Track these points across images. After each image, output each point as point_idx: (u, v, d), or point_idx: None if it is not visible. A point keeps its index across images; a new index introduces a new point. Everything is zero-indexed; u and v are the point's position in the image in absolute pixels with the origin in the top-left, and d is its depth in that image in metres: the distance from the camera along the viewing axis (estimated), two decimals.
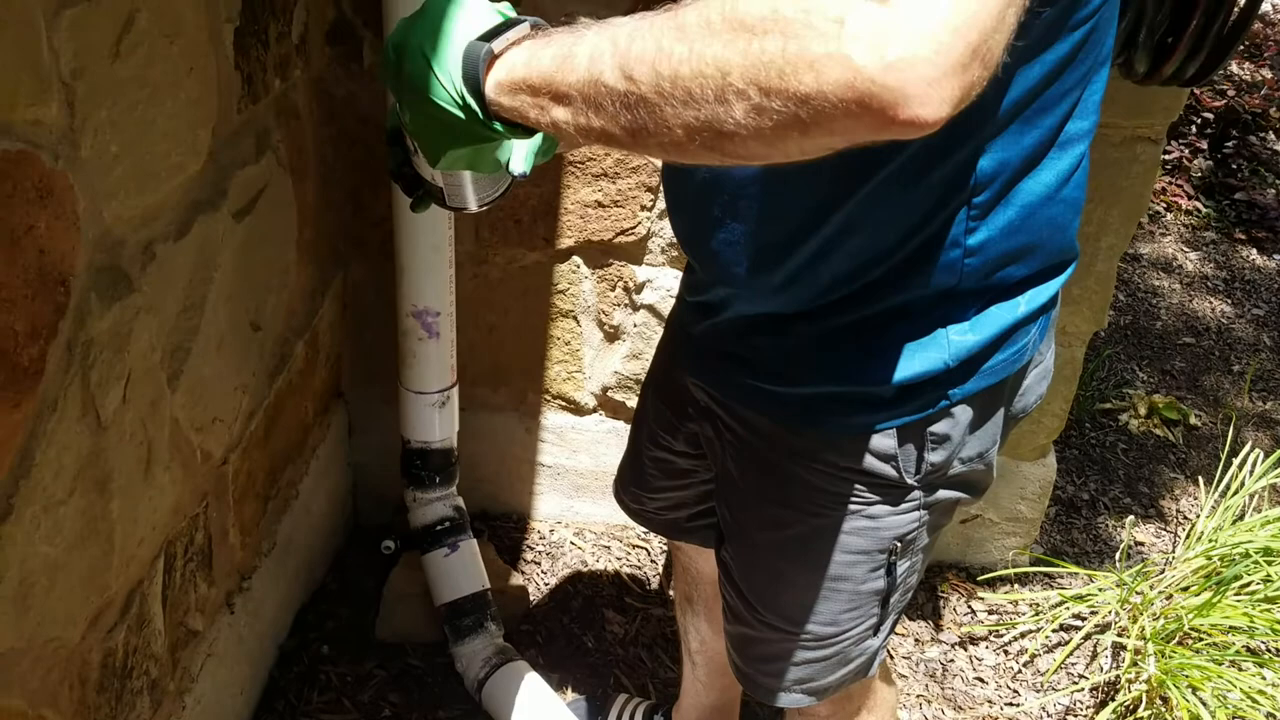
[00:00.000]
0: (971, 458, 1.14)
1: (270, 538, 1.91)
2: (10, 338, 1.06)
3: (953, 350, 1.05)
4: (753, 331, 1.13)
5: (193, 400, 1.50)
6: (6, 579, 1.12)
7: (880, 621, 1.25)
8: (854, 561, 1.18)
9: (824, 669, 1.27)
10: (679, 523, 1.51)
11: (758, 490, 1.21)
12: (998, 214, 1.00)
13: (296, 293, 1.85)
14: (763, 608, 1.25)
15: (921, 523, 1.17)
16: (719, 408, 1.22)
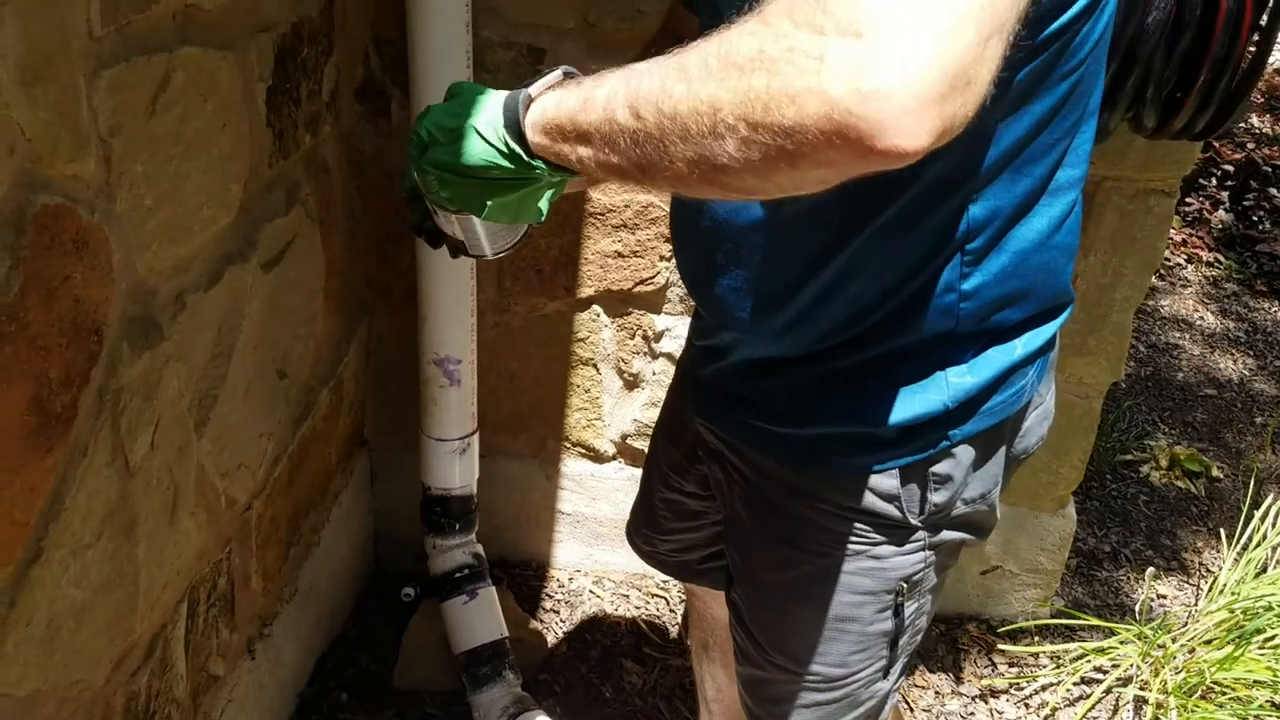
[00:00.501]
0: (974, 498, 1.16)
1: (292, 584, 1.93)
2: (45, 385, 1.10)
3: (951, 392, 1.07)
4: (756, 374, 1.16)
5: (219, 447, 1.53)
6: (34, 621, 1.14)
7: (890, 664, 1.25)
8: (861, 602, 1.19)
9: (834, 711, 1.27)
10: (690, 565, 1.52)
11: (765, 531, 1.23)
12: (991, 260, 1.03)
13: (322, 341, 1.89)
14: (772, 649, 1.26)
15: (928, 564, 1.18)
16: (727, 449, 1.25)
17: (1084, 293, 1.99)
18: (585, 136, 0.82)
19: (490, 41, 1.83)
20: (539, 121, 0.86)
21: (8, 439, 1.05)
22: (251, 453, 1.65)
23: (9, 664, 1.11)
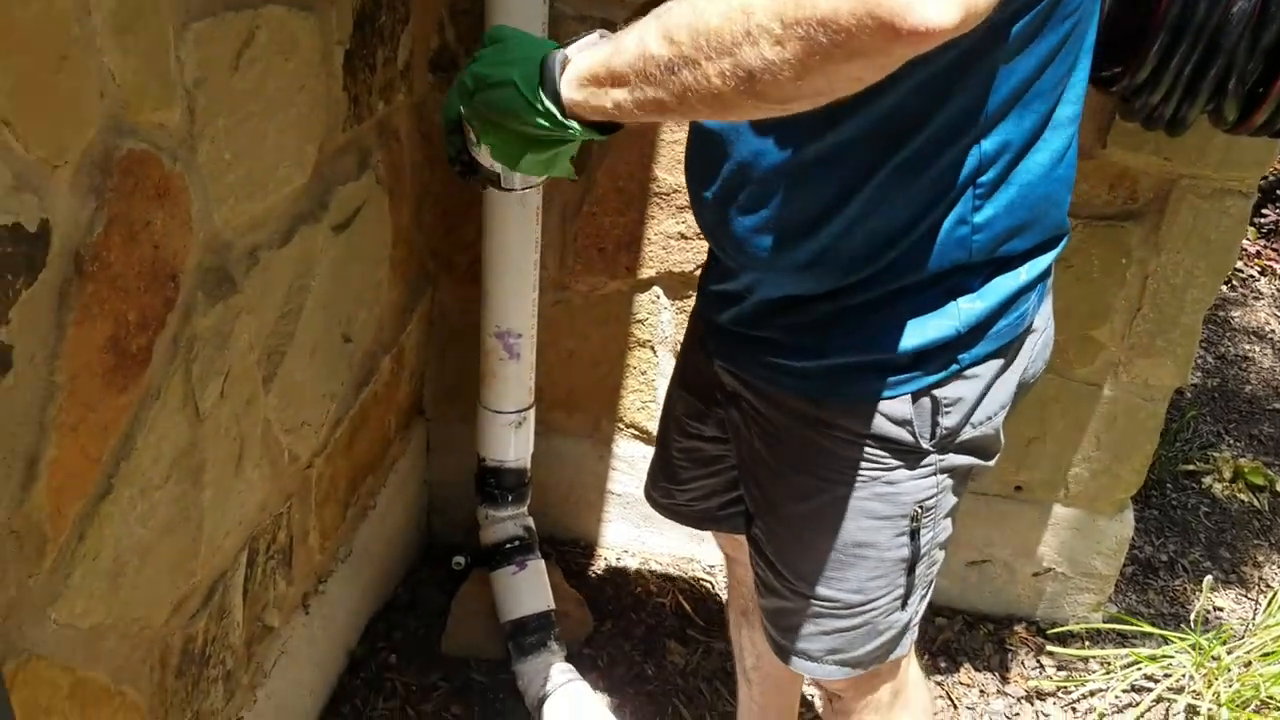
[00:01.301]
0: (981, 421, 1.21)
1: (347, 544, 1.97)
2: (123, 326, 1.13)
3: (963, 318, 1.14)
4: (775, 314, 1.22)
5: (284, 403, 1.57)
6: (101, 556, 1.18)
7: (908, 592, 1.29)
8: (877, 527, 1.24)
9: (855, 639, 1.31)
10: (710, 512, 1.56)
11: (783, 464, 1.28)
12: (1001, 193, 1.10)
13: (386, 309, 1.92)
14: (793, 577, 1.31)
15: (940, 488, 1.24)
16: (744, 388, 1.29)
17: (1154, 292, 1.96)
18: (620, 79, 0.88)
19: (564, 14, 1.84)
20: (574, 78, 0.93)
21: (86, 376, 1.09)
22: (315, 411, 1.69)
23: (75, 596, 1.15)
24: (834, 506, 1.24)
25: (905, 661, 1.42)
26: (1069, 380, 2.06)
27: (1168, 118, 1.61)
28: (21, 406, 1.01)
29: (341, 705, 1.99)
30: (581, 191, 2.02)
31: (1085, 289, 1.97)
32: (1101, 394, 2.06)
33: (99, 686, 1.23)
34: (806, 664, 1.35)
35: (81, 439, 1.10)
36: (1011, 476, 2.18)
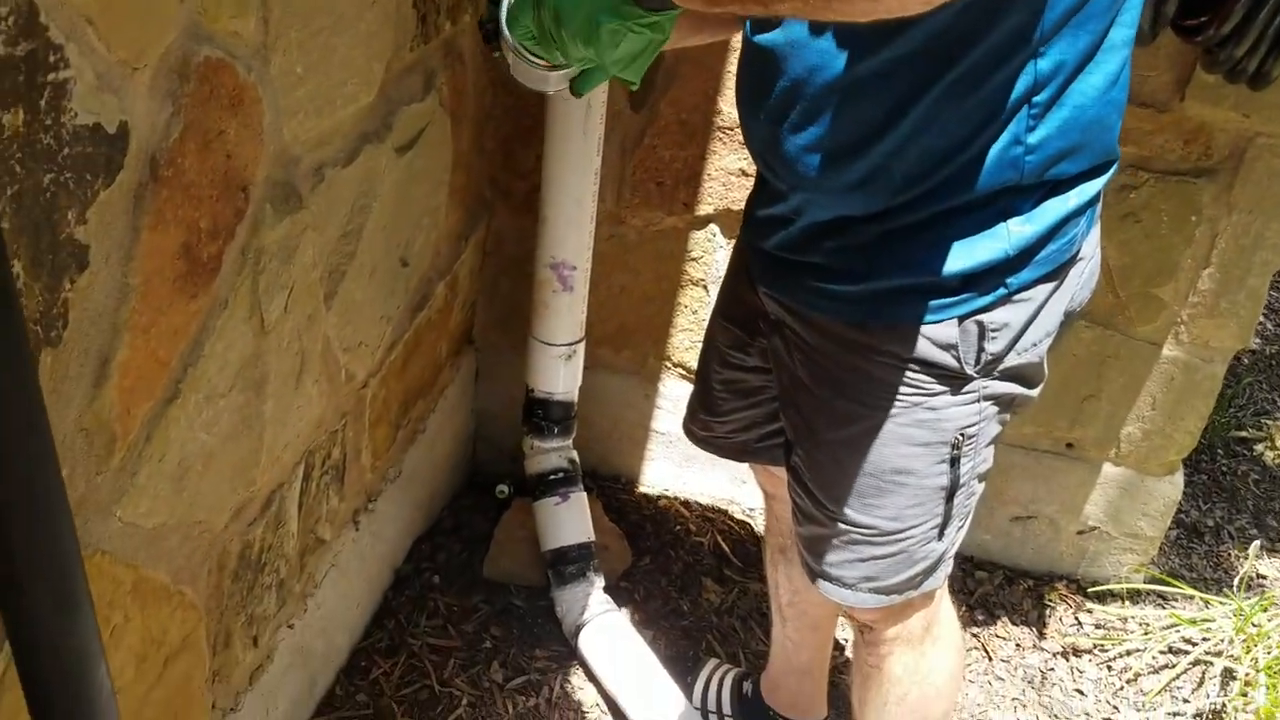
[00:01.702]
0: (1027, 348, 1.22)
1: (397, 466, 2.00)
2: (194, 233, 1.15)
3: (1013, 241, 1.14)
4: (823, 237, 1.22)
5: (344, 321, 1.58)
6: (166, 458, 1.21)
7: (945, 522, 1.31)
8: (918, 454, 1.25)
9: (890, 567, 1.33)
10: (748, 444, 1.57)
11: (825, 390, 1.29)
12: (1054, 113, 1.10)
13: (443, 234, 1.93)
14: (831, 504, 1.32)
15: (983, 416, 1.24)
16: (788, 315, 1.30)
17: (1223, 252, 1.92)
18: None
19: None
20: None
21: (158, 280, 1.11)
22: (372, 332, 1.71)
23: (140, 495, 1.18)
24: (874, 432, 1.25)
25: (939, 595, 1.44)
26: (1129, 338, 2.03)
27: (1251, 71, 1.57)
28: (96, 306, 1.03)
29: (386, 620, 2.03)
30: (643, 123, 2.00)
31: (1152, 245, 1.93)
32: (1161, 353, 2.04)
33: (159, 585, 1.26)
34: (841, 591, 1.37)
35: (152, 342, 1.12)
36: (1064, 434, 2.16)
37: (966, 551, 2.35)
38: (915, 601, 1.40)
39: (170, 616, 1.29)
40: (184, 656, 1.34)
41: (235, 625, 1.48)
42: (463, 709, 1.92)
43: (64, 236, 0.96)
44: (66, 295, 0.98)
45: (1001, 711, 2.07)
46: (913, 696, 1.48)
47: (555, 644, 2.06)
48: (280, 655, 1.64)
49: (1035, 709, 2.08)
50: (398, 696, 1.92)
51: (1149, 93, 1.82)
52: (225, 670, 1.48)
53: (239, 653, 1.51)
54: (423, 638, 2.02)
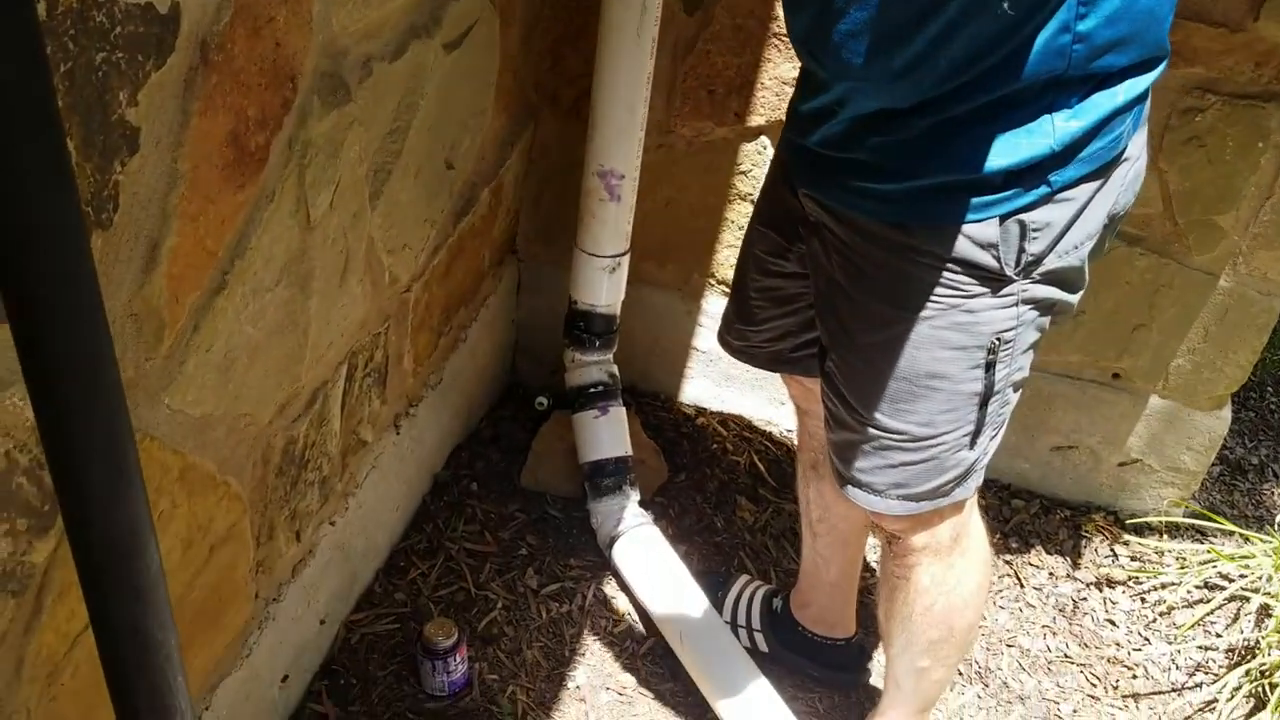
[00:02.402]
0: (1068, 250, 1.21)
1: (438, 373, 2.01)
2: (243, 121, 1.13)
3: (1058, 136, 1.13)
4: (866, 131, 1.20)
5: (388, 222, 1.57)
6: (214, 349, 1.22)
7: (977, 430, 1.31)
8: (953, 358, 1.25)
9: (920, 474, 1.34)
10: (783, 354, 1.58)
11: (863, 293, 1.28)
12: (1105, 1, 1.08)
13: (489, 138, 1.91)
14: (863, 409, 1.32)
15: (1020, 321, 1.24)
16: (828, 216, 1.29)
17: None
18: None
19: None
20: None
21: (206, 167, 1.10)
22: (415, 235, 1.70)
23: (188, 384, 1.19)
24: (910, 335, 1.25)
25: (968, 506, 1.44)
26: (1184, 267, 1.98)
27: None
28: (146, 190, 1.02)
29: (424, 524, 2.06)
30: (697, 27, 1.95)
31: (1215, 171, 1.87)
32: (1217, 284, 1.99)
33: (206, 474, 1.28)
34: (870, 497, 1.38)
35: (200, 230, 1.12)
36: (1111, 363, 2.13)
37: (1003, 479, 2.34)
38: (944, 511, 1.40)
39: (216, 505, 1.31)
40: (229, 545, 1.37)
41: (279, 519, 1.50)
42: (498, 611, 1.95)
43: (115, 118, 0.95)
44: (117, 178, 0.97)
45: (1030, 638, 2.08)
46: (939, 607, 1.49)
47: (589, 554, 2.09)
48: (322, 551, 1.67)
49: (1065, 637, 2.08)
50: (435, 597, 1.95)
51: (1221, 11, 1.75)
52: (268, 562, 1.51)
53: (282, 545, 1.53)
54: (460, 542, 2.05)
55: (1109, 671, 2.03)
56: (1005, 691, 1.98)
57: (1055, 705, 1.96)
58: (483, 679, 1.83)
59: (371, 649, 1.84)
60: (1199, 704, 1.98)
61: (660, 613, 1.92)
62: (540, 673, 1.87)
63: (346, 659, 1.81)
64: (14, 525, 0.98)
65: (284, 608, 1.58)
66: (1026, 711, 1.95)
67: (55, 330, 0.67)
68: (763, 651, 1.94)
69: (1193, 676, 2.03)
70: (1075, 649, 2.06)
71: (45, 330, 0.65)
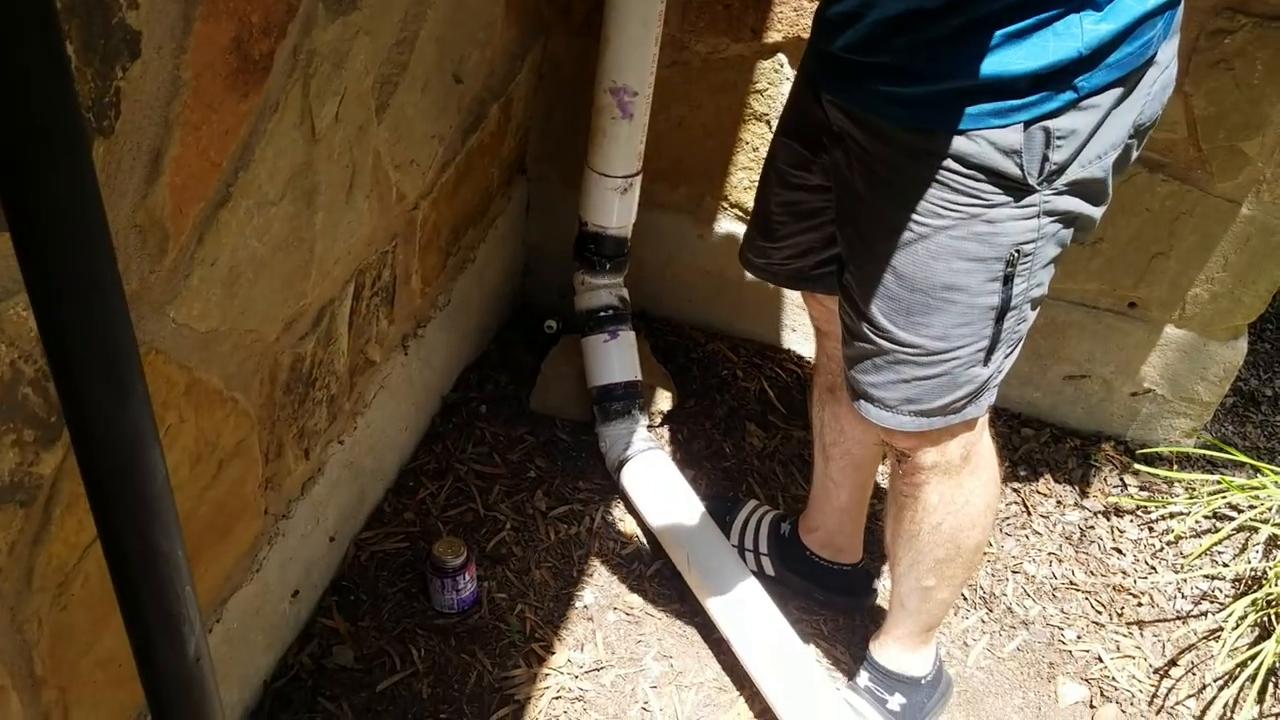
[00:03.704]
0: (1092, 159, 1.19)
1: (447, 293, 1.99)
2: (246, 27, 1.10)
3: (1086, 39, 1.10)
4: (893, 33, 1.18)
5: (395, 137, 1.55)
6: (218, 263, 1.20)
7: (992, 346, 1.30)
8: (970, 269, 1.24)
9: (932, 389, 1.33)
10: (804, 270, 1.57)
11: (884, 201, 1.27)
12: None
13: (498, 52, 1.86)
14: (879, 321, 1.32)
15: (1041, 233, 1.23)
16: (852, 125, 1.27)
17: None
18: None
19: None
20: None
21: (209, 75, 1.07)
22: (423, 151, 1.67)
23: (193, 298, 1.18)
24: (929, 245, 1.24)
25: (980, 425, 1.44)
26: (1206, 194, 1.94)
27: None
28: (147, 98, 1.00)
29: (434, 445, 2.06)
30: None
31: (1242, 96, 1.82)
32: (1239, 212, 1.95)
33: (212, 389, 1.27)
34: (881, 412, 1.37)
35: (203, 140, 1.10)
36: (1128, 292, 2.10)
37: (1014, 408, 2.33)
38: (955, 428, 1.39)
39: (224, 421, 1.31)
40: (237, 461, 1.37)
41: (287, 436, 1.50)
42: (506, 532, 1.96)
43: (115, 21, 0.92)
44: (119, 84, 0.95)
45: (1036, 564, 2.08)
46: (947, 525, 1.50)
47: (598, 477, 2.09)
48: (330, 469, 1.67)
49: (1071, 564, 2.09)
50: (444, 517, 1.96)
51: None
52: (277, 479, 1.51)
53: (290, 463, 1.53)
54: (469, 464, 2.06)
55: (1114, 599, 2.04)
56: (1009, 616, 1.99)
57: (1059, 631, 1.98)
58: (491, 597, 1.85)
59: (381, 566, 1.86)
60: (1203, 632, 1.99)
61: (668, 536, 1.92)
62: (548, 592, 1.89)
63: (356, 575, 1.83)
64: (20, 436, 0.98)
65: (293, 524, 1.59)
66: (1030, 637, 1.96)
67: (56, 238, 0.66)
68: (769, 575, 1.95)
69: (1198, 605, 2.04)
70: (1081, 576, 2.07)
71: (46, 239, 0.64)
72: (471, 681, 1.73)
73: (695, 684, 1.79)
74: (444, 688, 1.71)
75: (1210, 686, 1.91)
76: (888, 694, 1.72)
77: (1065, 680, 1.90)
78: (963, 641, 1.94)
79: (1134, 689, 1.90)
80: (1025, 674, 1.91)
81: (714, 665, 1.82)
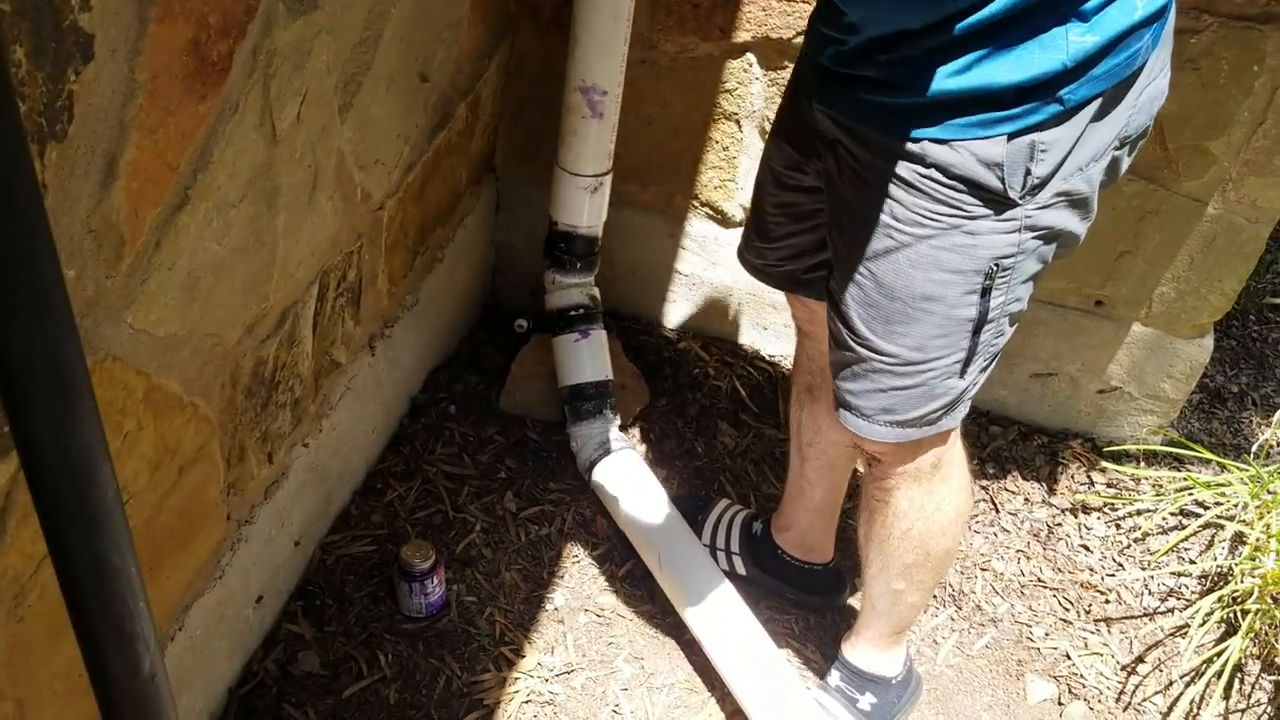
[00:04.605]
0: (1073, 172, 1.19)
1: (414, 293, 1.97)
2: (204, 29, 1.08)
3: (1071, 51, 1.10)
4: (878, 50, 1.19)
5: (359, 137, 1.53)
6: (177, 266, 1.18)
7: (968, 359, 1.31)
8: (949, 281, 1.25)
9: (909, 400, 1.34)
10: (796, 274, 1.57)
11: (869, 210, 1.27)
12: None
13: (465, 51, 1.84)
14: (859, 328, 1.33)
15: (1021, 248, 1.23)
16: (842, 133, 1.28)
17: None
18: None
19: None
20: None
21: (166, 77, 1.05)
22: (389, 151, 1.65)
23: (150, 302, 1.15)
24: (909, 254, 1.25)
25: (952, 436, 1.45)
26: (1172, 193, 1.95)
27: None
28: (102, 101, 0.98)
29: (402, 446, 2.05)
30: None
31: (1208, 96, 1.83)
32: (1205, 211, 1.96)
33: (171, 395, 1.25)
34: (858, 421, 1.38)
35: (160, 143, 1.07)
36: (1094, 291, 2.11)
37: (982, 406, 2.33)
38: (926, 441, 1.40)
39: (184, 427, 1.29)
40: (198, 467, 1.35)
41: (249, 440, 1.48)
42: (476, 534, 1.95)
43: (67, 24, 0.90)
44: (71, 88, 0.93)
45: (1004, 562, 2.09)
46: (916, 531, 1.51)
47: (569, 478, 2.08)
48: (295, 473, 1.65)
49: (1039, 561, 2.10)
50: (412, 519, 1.94)
51: None
52: (240, 483, 1.49)
53: (253, 467, 1.52)
54: (438, 465, 2.04)
55: (1082, 596, 2.05)
56: (978, 614, 2.00)
57: (1027, 629, 1.99)
58: (460, 601, 1.83)
59: (348, 570, 1.84)
60: (1170, 629, 2.01)
61: (639, 536, 1.92)
62: (519, 595, 1.87)
63: (322, 580, 1.81)
64: None
65: (257, 529, 1.57)
66: (999, 634, 1.97)
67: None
68: (740, 575, 1.94)
69: (1165, 602, 2.06)
70: (1049, 573, 2.08)
71: None
72: (440, 686, 1.71)
73: (666, 685, 1.79)
74: (412, 693, 1.69)
75: (1177, 683, 1.92)
76: (858, 693, 1.72)
77: (1034, 677, 1.91)
78: (932, 639, 1.95)
79: (1102, 686, 1.91)
80: (994, 671, 1.92)
81: (685, 666, 1.82)
